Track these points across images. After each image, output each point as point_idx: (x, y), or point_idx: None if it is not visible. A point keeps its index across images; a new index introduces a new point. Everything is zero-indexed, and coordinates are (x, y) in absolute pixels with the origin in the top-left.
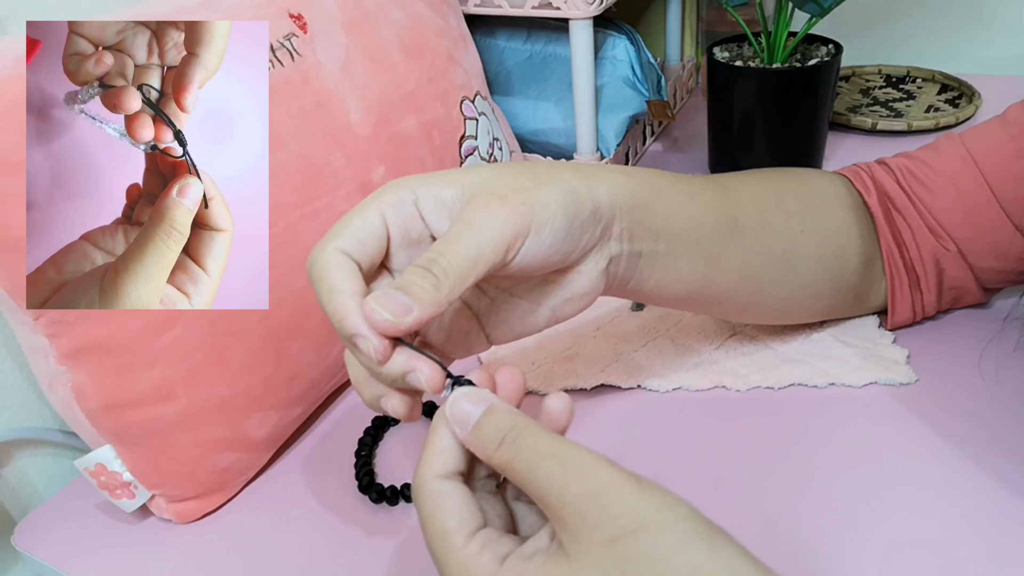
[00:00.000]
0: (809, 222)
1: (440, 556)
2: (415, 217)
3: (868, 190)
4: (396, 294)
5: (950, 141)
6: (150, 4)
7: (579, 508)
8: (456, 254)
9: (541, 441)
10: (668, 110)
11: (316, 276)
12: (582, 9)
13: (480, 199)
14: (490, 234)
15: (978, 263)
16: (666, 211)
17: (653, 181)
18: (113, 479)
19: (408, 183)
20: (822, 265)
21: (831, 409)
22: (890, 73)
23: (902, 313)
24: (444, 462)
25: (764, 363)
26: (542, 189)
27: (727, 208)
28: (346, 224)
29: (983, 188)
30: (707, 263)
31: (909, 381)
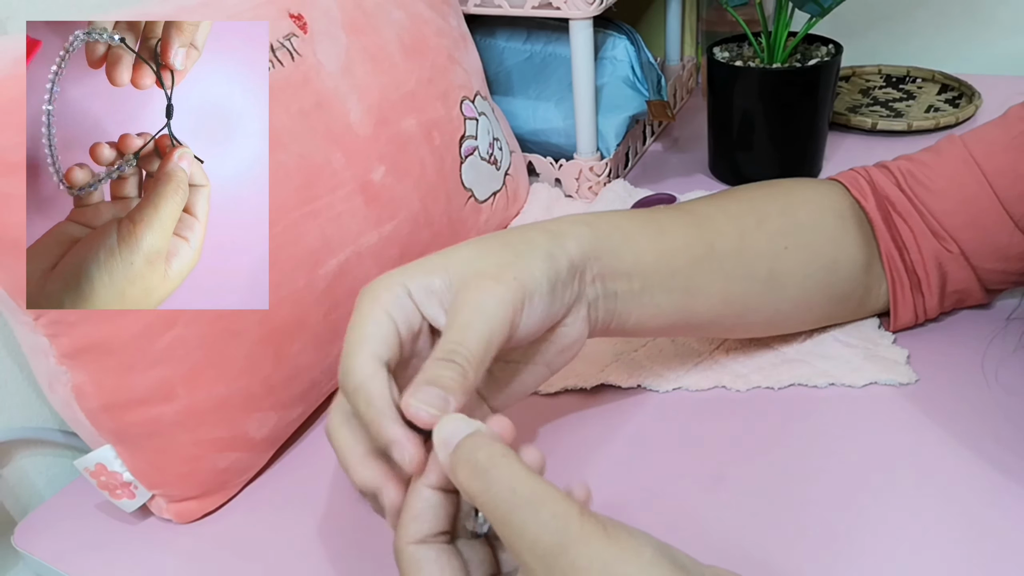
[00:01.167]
0: (793, 238)
1: None
2: (413, 310)
3: (865, 195)
4: (432, 389)
5: (951, 143)
6: (150, 4)
7: (549, 563)
8: (472, 340)
9: (519, 482)
10: (668, 110)
11: (352, 386)
12: (582, 9)
13: (474, 283)
14: (495, 314)
15: (981, 264)
16: (634, 251)
17: (618, 224)
18: (113, 479)
19: (396, 278)
20: (811, 279)
21: (831, 409)
22: (890, 73)
23: (904, 316)
24: (419, 527)
25: (764, 363)
26: (524, 261)
27: (702, 235)
28: (365, 331)
29: (985, 189)
30: (685, 293)
31: (909, 381)
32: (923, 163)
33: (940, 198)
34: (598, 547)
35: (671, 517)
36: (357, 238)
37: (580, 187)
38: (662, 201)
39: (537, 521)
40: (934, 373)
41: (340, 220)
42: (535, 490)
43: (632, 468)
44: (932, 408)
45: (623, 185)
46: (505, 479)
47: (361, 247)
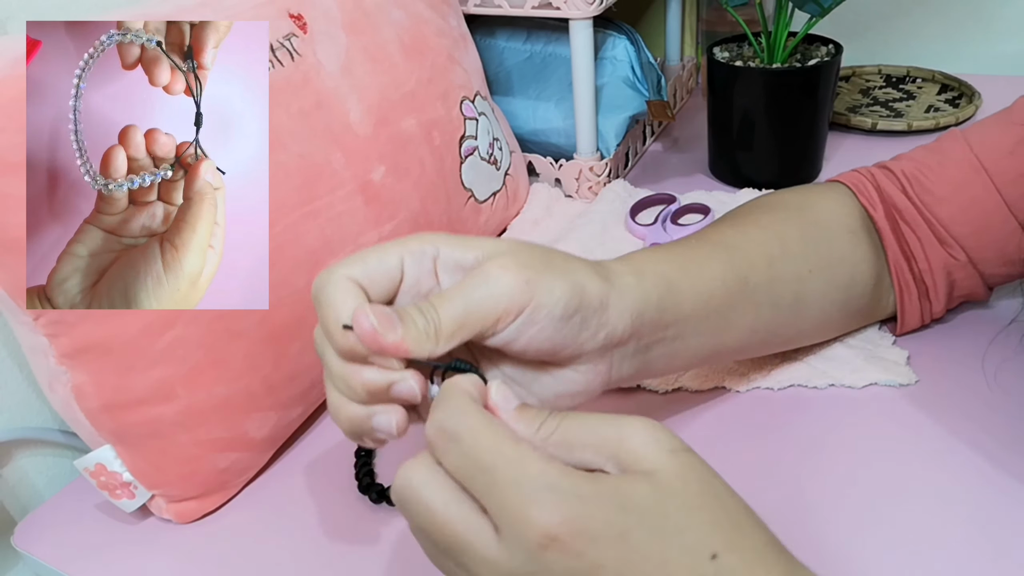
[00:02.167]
0: (815, 260)
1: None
2: (430, 272)
3: (874, 204)
4: (388, 311)
5: (954, 142)
6: (150, 4)
7: (637, 432)
8: (450, 309)
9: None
10: (668, 110)
11: (321, 298)
12: (582, 9)
13: (488, 266)
14: (484, 302)
15: (988, 270)
16: (676, 300)
17: (663, 273)
18: (113, 479)
19: (433, 239)
20: (831, 298)
21: (831, 410)
22: (890, 73)
23: (911, 322)
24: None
25: (764, 363)
26: (549, 275)
27: (736, 270)
28: (362, 256)
29: (991, 193)
30: (717, 331)
31: (909, 382)
32: (927, 167)
33: (946, 204)
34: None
35: None
36: (357, 238)
37: (580, 187)
38: (662, 201)
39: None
40: (934, 374)
41: (340, 220)
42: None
43: None
44: (932, 409)
45: (623, 185)
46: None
47: (361, 247)
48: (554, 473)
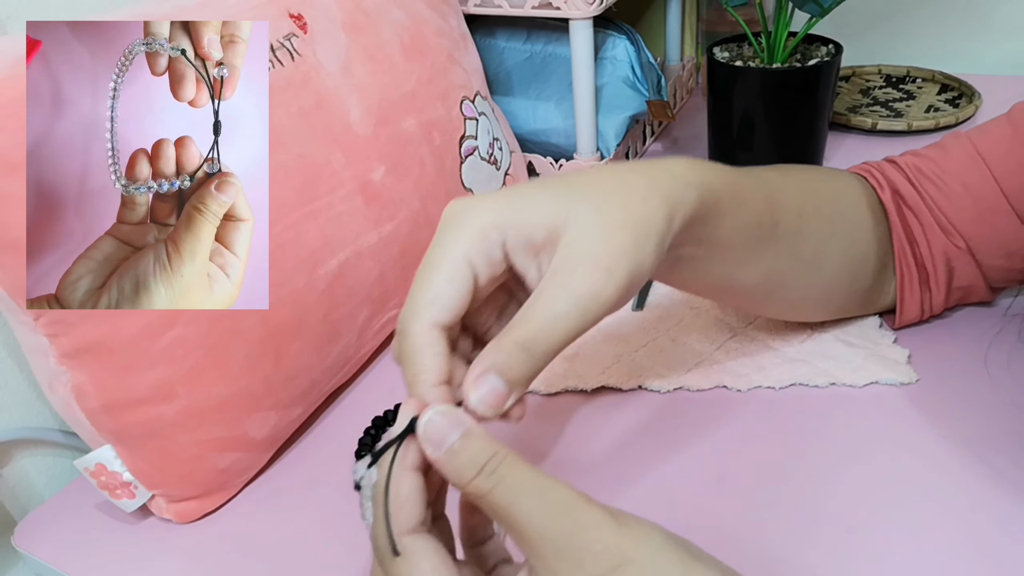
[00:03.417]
0: (839, 225)
1: None
2: (500, 261)
3: (881, 186)
4: (495, 383)
5: (956, 139)
6: (150, 4)
7: (560, 547)
8: (558, 335)
9: (522, 474)
10: (668, 110)
11: (406, 352)
12: (582, 9)
13: (585, 267)
14: (594, 314)
15: (987, 261)
16: (716, 223)
17: (715, 190)
18: (113, 479)
19: (493, 219)
20: (844, 269)
21: (832, 409)
22: (890, 73)
23: (911, 312)
24: (410, 518)
25: (765, 363)
26: (640, 251)
27: (772, 213)
28: (435, 289)
29: (991, 184)
30: (736, 265)
31: (910, 381)
32: (930, 159)
33: (947, 194)
34: (608, 531)
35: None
36: (357, 238)
37: None
38: None
39: (546, 507)
40: (935, 373)
41: (340, 220)
42: (540, 479)
43: (633, 468)
44: (933, 408)
45: None
46: (511, 476)
47: (361, 247)
48: None
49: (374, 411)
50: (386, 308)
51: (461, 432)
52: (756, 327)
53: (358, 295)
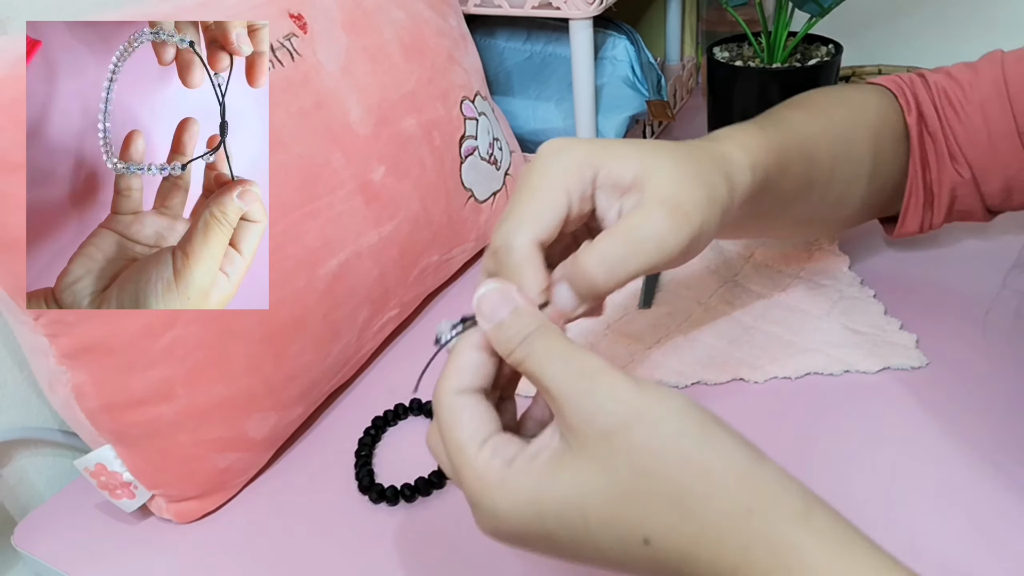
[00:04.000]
0: (865, 164)
1: (457, 465)
2: (589, 199)
3: (909, 108)
4: (567, 294)
5: (992, 63)
6: (150, 4)
7: (578, 404)
8: (636, 259)
9: (553, 344)
10: (668, 110)
11: (508, 262)
12: (582, 9)
13: (666, 208)
14: (674, 247)
15: (988, 189)
16: (765, 195)
17: (766, 167)
18: (113, 479)
19: (589, 157)
20: (865, 200)
21: (848, 396)
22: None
23: (911, 227)
24: (461, 379)
25: (779, 354)
26: (714, 207)
27: (808, 171)
28: (538, 211)
29: (1008, 118)
30: (771, 219)
31: (920, 365)
32: (958, 84)
33: (966, 125)
34: (624, 393)
35: None
36: (357, 238)
37: None
38: None
39: (568, 370)
40: (943, 355)
41: (340, 220)
42: (569, 348)
43: None
44: (944, 389)
45: None
46: (543, 345)
47: (361, 247)
48: (479, 489)
49: (374, 411)
50: (386, 308)
51: (511, 309)
52: (764, 319)
53: (358, 295)
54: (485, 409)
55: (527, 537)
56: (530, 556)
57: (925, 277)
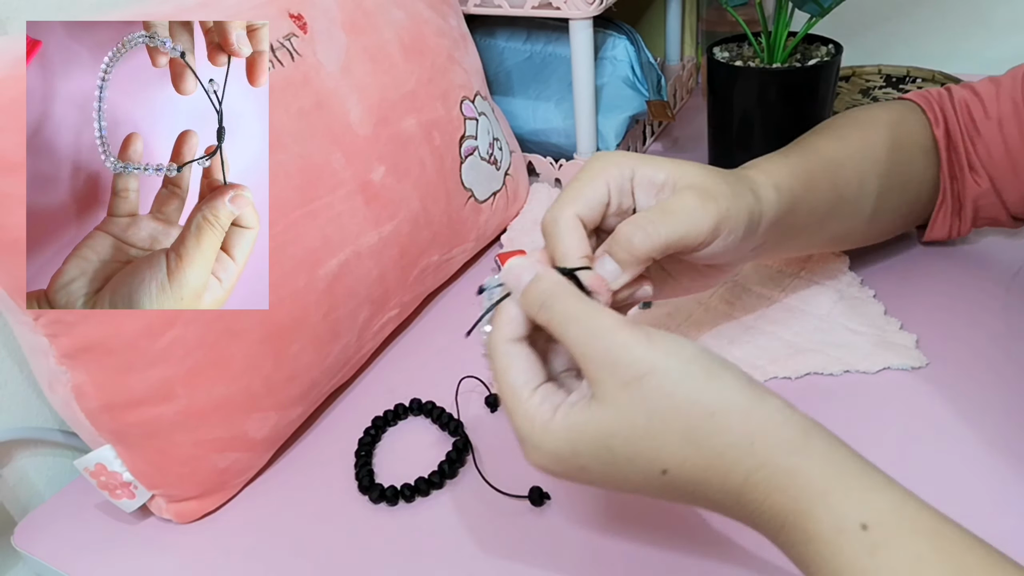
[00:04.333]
0: (896, 178)
1: (510, 406)
2: (628, 192)
3: (937, 122)
4: (610, 263)
5: (1012, 79)
6: (150, 4)
7: (599, 361)
8: (666, 225)
9: (569, 306)
10: (668, 110)
11: (553, 232)
12: (582, 9)
13: (696, 191)
14: (701, 220)
15: (1009, 198)
16: (795, 216)
17: (792, 190)
18: (113, 479)
19: (626, 159)
20: (900, 211)
21: (848, 396)
22: (890, 73)
23: (939, 232)
24: (512, 329)
25: (778, 354)
26: (737, 202)
27: (836, 189)
28: (580, 191)
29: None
30: (809, 235)
31: (920, 365)
32: (979, 100)
33: (985, 139)
34: (638, 347)
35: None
36: (357, 238)
37: None
38: None
39: (586, 331)
40: (943, 355)
41: (340, 220)
42: (584, 309)
43: None
44: (944, 389)
45: None
46: (560, 308)
47: (361, 247)
48: (528, 427)
49: (374, 411)
50: (386, 308)
51: (532, 275)
52: (765, 319)
53: (358, 295)
54: (534, 359)
55: (567, 469)
56: (530, 556)
57: (926, 277)
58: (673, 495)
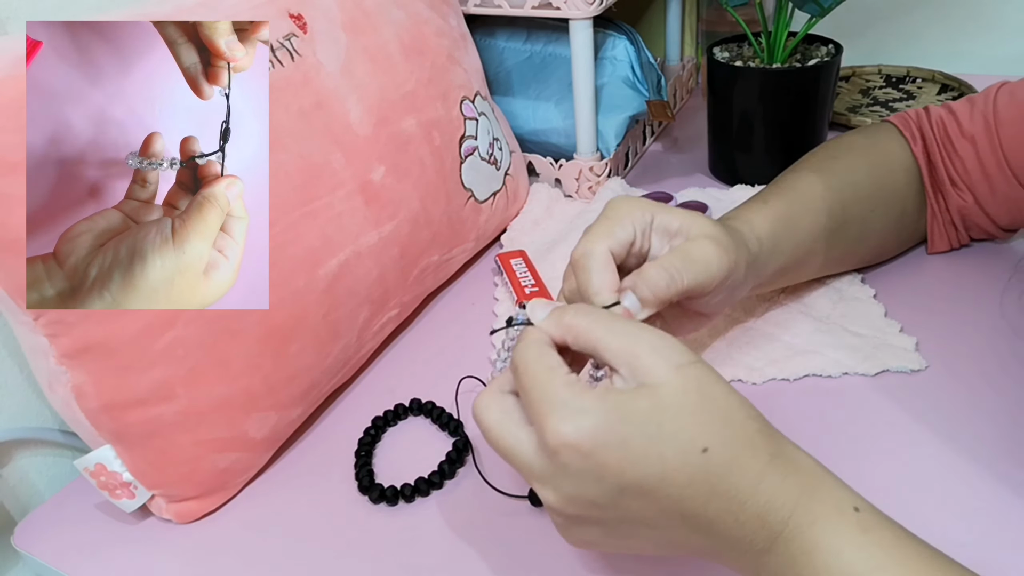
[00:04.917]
0: (878, 199)
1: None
2: (647, 236)
3: (915, 140)
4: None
5: (987, 97)
6: (150, 4)
7: (647, 352)
8: (689, 272)
9: (586, 318)
10: (668, 110)
11: (587, 267)
12: (582, 9)
13: (712, 241)
14: (717, 270)
15: (993, 211)
16: (778, 258)
17: (774, 235)
18: (113, 479)
19: (648, 206)
20: (888, 229)
21: (847, 398)
22: (890, 73)
23: (940, 245)
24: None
25: (777, 356)
26: (740, 252)
27: (818, 222)
28: (611, 230)
29: (997, 153)
30: (802, 265)
31: (920, 368)
32: (954, 119)
33: (961, 155)
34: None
35: None
36: (357, 238)
37: (580, 187)
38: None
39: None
40: (942, 359)
41: (340, 220)
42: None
43: None
44: (943, 392)
45: (620, 184)
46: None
47: (361, 247)
48: (570, 393)
49: (374, 411)
50: (386, 308)
51: (548, 311)
52: (764, 321)
53: (358, 295)
54: (548, 345)
55: (605, 441)
56: (530, 556)
57: (926, 279)
58: (703, 479)
